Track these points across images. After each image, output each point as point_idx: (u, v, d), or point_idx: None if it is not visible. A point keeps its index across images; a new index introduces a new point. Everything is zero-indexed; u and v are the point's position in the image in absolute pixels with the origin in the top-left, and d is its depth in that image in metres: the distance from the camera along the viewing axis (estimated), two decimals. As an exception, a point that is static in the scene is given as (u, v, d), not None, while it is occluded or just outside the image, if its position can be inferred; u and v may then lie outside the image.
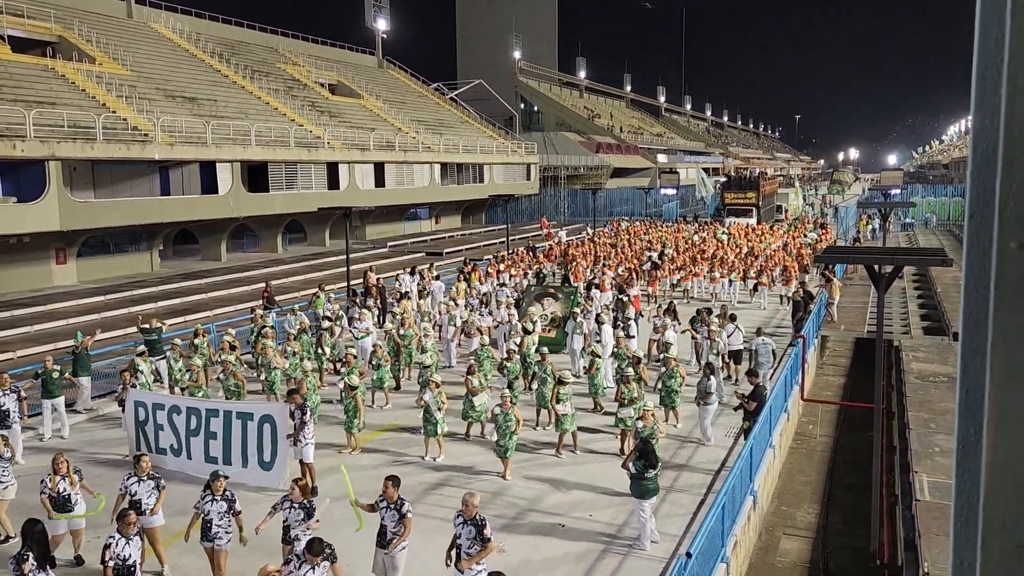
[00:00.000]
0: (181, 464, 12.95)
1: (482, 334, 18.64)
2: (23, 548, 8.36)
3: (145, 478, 10.05)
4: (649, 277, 27.70)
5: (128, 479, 10.04)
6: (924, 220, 59.00)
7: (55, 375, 15.24)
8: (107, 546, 8.61)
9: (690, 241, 38.15)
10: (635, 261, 30.53)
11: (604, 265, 29.83)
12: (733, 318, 19.06)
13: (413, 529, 9.10)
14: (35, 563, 8.27)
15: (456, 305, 21.61)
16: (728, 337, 18.42)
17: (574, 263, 30.22)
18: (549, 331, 21.01)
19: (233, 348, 17.19)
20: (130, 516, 8.76)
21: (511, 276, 27.55)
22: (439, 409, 13.42)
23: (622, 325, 19.77)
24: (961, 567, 0.87)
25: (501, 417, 12.73)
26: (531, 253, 34.52)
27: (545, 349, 16.18)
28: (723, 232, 41.47)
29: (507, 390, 13.92)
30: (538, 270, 29.20)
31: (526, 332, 18.11)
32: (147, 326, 18.77)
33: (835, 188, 67.38)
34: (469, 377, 14.59)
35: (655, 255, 32.11)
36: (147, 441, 13.19)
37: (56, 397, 15.23)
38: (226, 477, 9.71)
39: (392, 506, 8.96)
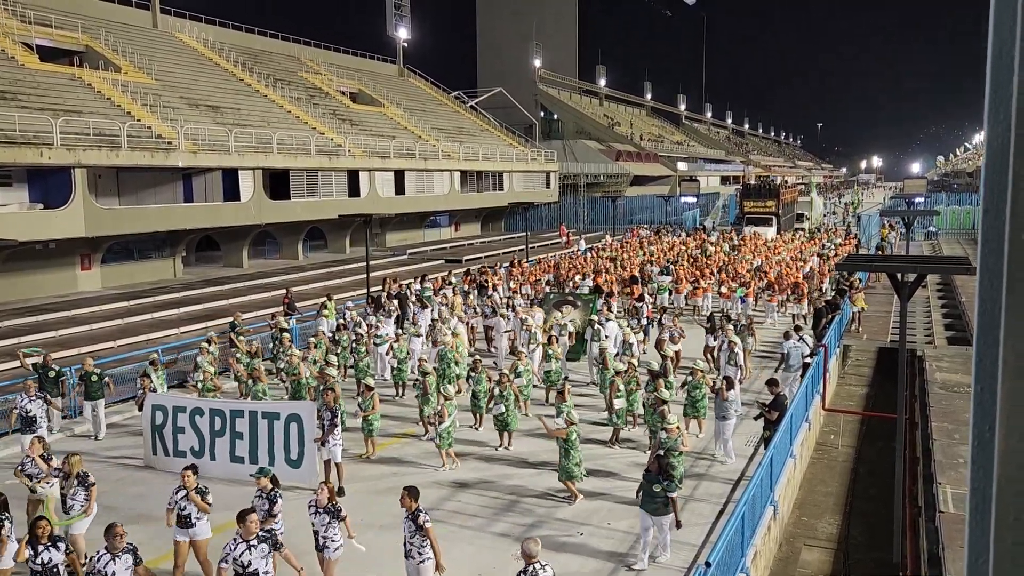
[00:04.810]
0: (202, 466, 12.99)
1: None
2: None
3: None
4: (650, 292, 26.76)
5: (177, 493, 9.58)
6: (933, 230, 56.59)
7: (95, 378, 15.45)
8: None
9: (692, 255, 35.95)
10: (635, 272, 29.70)
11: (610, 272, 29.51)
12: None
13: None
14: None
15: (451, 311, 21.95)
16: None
17: (568, 279, 29.58)
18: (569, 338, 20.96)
19: (254, 355, 17.28)
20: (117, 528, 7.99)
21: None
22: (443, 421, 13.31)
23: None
24: (976, 564, 0.87)
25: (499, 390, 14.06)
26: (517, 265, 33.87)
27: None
28: (729, 245, 39.92)
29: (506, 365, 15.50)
30: (481, 282, 27.73)
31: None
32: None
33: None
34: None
35: (656, 269, 31.29)
36: (163, 445, 13.26)
37: (97, 399, 15.46)
38: (267, 474, 9.66)
39: (408, 516, 8.88)
